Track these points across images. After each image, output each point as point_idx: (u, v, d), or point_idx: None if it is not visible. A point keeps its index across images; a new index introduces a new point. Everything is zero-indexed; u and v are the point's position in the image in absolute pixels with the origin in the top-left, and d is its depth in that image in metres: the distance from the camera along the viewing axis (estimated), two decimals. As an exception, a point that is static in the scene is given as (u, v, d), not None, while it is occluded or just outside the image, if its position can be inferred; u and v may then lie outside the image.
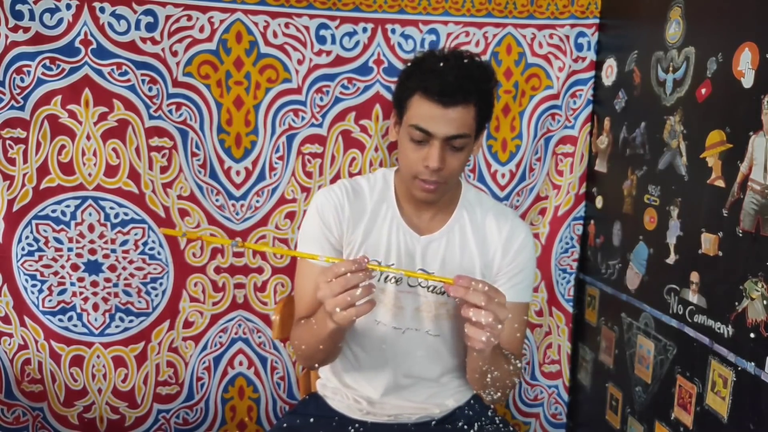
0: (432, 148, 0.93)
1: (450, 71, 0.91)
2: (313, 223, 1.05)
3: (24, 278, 1.42)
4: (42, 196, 1.39)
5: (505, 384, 0.98)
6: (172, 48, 1.38)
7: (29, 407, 1.49)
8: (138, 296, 1.47)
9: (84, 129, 1.38)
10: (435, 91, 0.90)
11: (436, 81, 0.90)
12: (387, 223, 1.05)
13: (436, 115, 0.91)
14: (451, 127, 0.92)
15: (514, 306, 1.04)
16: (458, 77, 0.91)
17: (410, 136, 0.95)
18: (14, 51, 1.31)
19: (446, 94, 0.90)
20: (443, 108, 0.91)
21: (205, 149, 1.44)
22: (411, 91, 0.94)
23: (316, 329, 0.92)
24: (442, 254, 1.05)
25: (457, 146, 0.94)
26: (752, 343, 0.95)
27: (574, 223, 1.59)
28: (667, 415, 1.20)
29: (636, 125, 1.33)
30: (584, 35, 1.51)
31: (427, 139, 0.93)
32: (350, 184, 1.08)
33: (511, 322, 1.03)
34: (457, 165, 0.96)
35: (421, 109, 0.93)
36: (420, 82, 0.92)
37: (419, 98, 0.93)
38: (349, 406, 1.11)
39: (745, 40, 0.97)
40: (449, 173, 0.96)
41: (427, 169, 0.94)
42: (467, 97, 0.92)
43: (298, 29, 1.42)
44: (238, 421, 1.59)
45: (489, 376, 0.93)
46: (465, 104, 0.92)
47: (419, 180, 0.97)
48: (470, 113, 0.93)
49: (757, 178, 0.94)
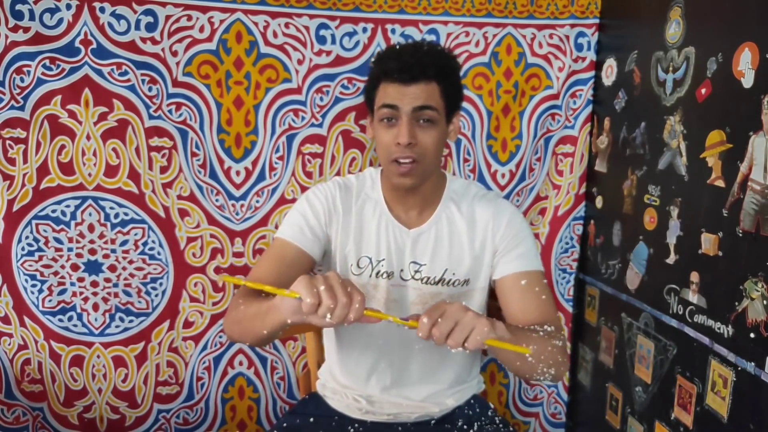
0: (401, 125, 0.97)
1: (406, 52, 0.98)
2: (300, 209, 1.07)
3: (24, 278, 1.42)
4: (42, 196, 1.39)
5: (550, 351, 0.89)
6: (172, 48, 1.38)
7: (29, 407, 1.49)
8: (138, 296, 1.47)
9: (84, 129, 1.38)
10: (394, 71, 0.96)
11: (394, 64, 0.96)
12: (376, 220, 1.07)
13: (400, 92, 0.96)
14: (416, 100, 0.96)
15: (529, 275, 1.02)
16: (414, 55, 0.97)
17: (380, 117, 0.99)
18: (14, 51, 1.31)
19: (404, 71, 0.95)
20: (404, 85, 0.96)
21: (205, 149, 1.44)
22: (376, 81, 1.00)
23: (267, 305, 0.83)
24: (432, 246, 1.06)
25: (425, 118, 0.97)
26: (752, 343, 0.95)
27: (574, 223, 1.59)
28: (667, 415, 1.20)
29: (636, 125, 1.33)
30: (584, 35, 1.51)
31: (395, 115, 0.97)
32: (342, 182, 1.10)
33: (532, 291, 1.01)
34: (429, 141, 0.98)
35: (387, 91, 0.98)
36: (381, 70, 0.99)
37: (384, 85, 0.99)
38: (349, 406, 1.11)
39: (745, 40, 0.97)
40: (422, 150, 0.98)
41: (399, 146, 0.96)
42: (425, 72, 0.96)
43: (298, 29, 1.42)
44: (238, 422, 1.59)
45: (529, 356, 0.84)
46: (425, 80, 0.96)
47: (395, 164, 0.98)
48: (433, 89, 0.97)
49: (757, 178, 0.94)
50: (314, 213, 1.05)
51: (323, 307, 0.72)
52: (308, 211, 1.06)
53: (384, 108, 0.98)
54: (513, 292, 1.03)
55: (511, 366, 0.92)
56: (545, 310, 1.00)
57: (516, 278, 1.03)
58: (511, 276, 1.04)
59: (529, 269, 1.04)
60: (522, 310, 1.01)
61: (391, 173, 1.01)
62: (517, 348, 0.79)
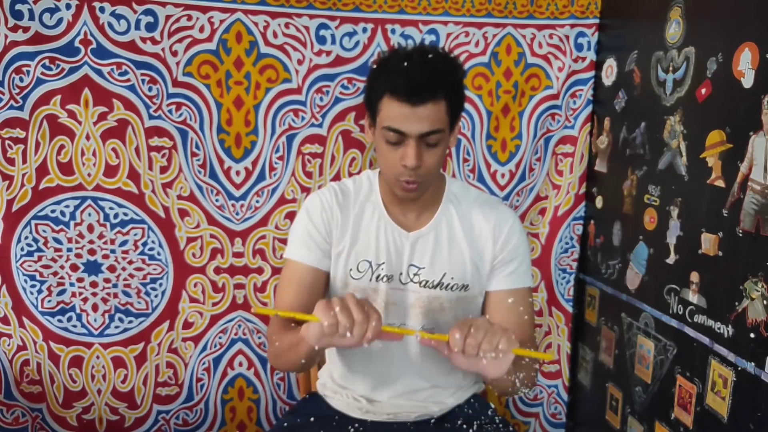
0: (408, 148, 0.93)
1: (415, 69, 0.91)
2: (302, 224, 1.07)
3: (23, 279, 1.42)
4: (41, 197, 1.39)
5: (531, 376, 0.98)
6: (172, 48, 1.38)
7: (28, 408, 1.49)
8: (137, 297, 1.47)
9: (83, 129, 1.38)
10: (403, 91, 0.90)
11: (402, 81, 0.90)
12: (374, 223, 1.06)
13: (407, 115, 0.91)
14: (423, 125, 0.92)
15: (518, 292, 1.06)
16: (424, 74, 0.91)
17: (385, 139, 0.95)
18: (14, 51, 1.31)
19: (414, 93, 0.90)
20: (413, 107, 0.91)
21: (205, 149, 1.44)
22: (380, 92, 0.94)
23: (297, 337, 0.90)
24: (431, 249, 1.06)
25: (432, 142, 0.94)
26: (752, 343, 0.95)
27: (574, 223, 1.60)
28: (667, 415, 1.20)
29: (636, 125, 1.34)
30: (584, 35, 1.51)
31: (401, 140, 0.94)
32: (338, 187, 1.09)
33: (516, 309, 1.05)
34: (434, 161, 0.96)
35: (392, 111, 0.92)
36: (387, 84, 0.92)
37: (389, 100, 0.92)
38: (349, 405, 1.11)
39: (745, 40, 0.97)
40: (427, 170, 0.97)
41: (406, 168, 0.94)
42: (436, 93, 0.91)
43: (298, 29, 1.42)
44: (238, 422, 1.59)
45: (517, 381, 0.92)
46: (434, 100, 0.91)
47: (400, 181, 0.97)
48: (441, 108, 0.93)
49: (757, 178, 0.94)
50: (315, 226, 1.05)
51: (341, 327, 0.79)
52: (310, 225, 1.05)
53: (390, 132, 0.93)
54: (498, 307, 1.06)
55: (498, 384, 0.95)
56: (524, 330, 1.04)
57: (505, 295, 1.06)
58: (500, 292, 1.07)
59: (518, 287, 1.07)
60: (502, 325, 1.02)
61: (396, 187, 1.00)
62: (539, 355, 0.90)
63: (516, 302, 1.05)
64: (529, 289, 1.09)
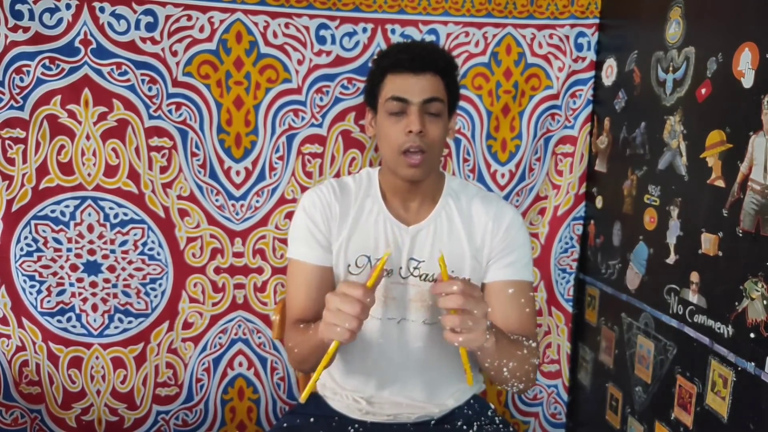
0: (411, 115, 0.98)
1: (415, 46, 1.04)
2: (301, 222, 1.07)
3: (22, 279, 1.42)
4: (41, 197, 1.39)
5: (525, 370, 0.95)
6: (172, 48, 1.38)
7: (27, 409, 1.48)
8: (137, 297, 1.47)
9: (83, 129, 1.38)
10: (406, 61, 0.98)
11: (405, 55, 0.99)
12: (373, 217, 1.06)
13: (411, 83, 0.98)
14: (425, 92, 0.98)
15: (517, 285, 1.05)
16: (424, 49, 1.02)
17: (388, 111, 1.00)
18: (14, 51, 1.31)
19: (416, 61, 0.98)
20: (415, 75, 0.98)
21: (204, 149, 1.44)
22: (382, 74, 1.01)
23: (311, 334, 0.92)
24: (431, 243, 1.06)
25: (433, 111, 0.99)
26: (752, 343, 0.95)
27: (573, 223, 1.60)
28: (667, 415, 1.20)
29: (636, 125, 1.34)
30: (584, 35, 1.51)
31: (404, 108, 0.98)
32: (336, 183, 1.10)
33: (517, 301, 1.04)
34: (437, 133, 0.99)
35: (395, 83, 0.99)
36: (390, 62, 1.00)
37: (391, 77, 1.00)
38: (349, 406, 1.11)
39: (745, 40, 0.97)
40: (431, 141, 0.99)
41: (410, 134, 0.97)
42: (435, 65, 0.99)
43: (298, 29, 1.42)
44: (238, 423, 1.59)
45: (505, 369, 0.91)
46: (433, 72, 0.99)
47: (404, 155, 0.98)
48: (439, 83, 1.00)
49: (757, 178, 0.94)
50: (314, 223, 1.05)
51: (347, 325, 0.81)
52: (309, 222, 1.06)
53: (393, 101, 0.98)
54: (498, 299, 1.05)
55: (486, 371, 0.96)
56: (526, 323, 1.03)
57: (504, 286, 1.05)
58: (499, 282, 1.05)
59: (518, 279, 1.05)
60: (503, 318, 1.02)
61: (400, 165, 1.00)
62: (468, 369, 0.86)
63: (516, 293, 1.04)
64: (529, 283, 1.07)
